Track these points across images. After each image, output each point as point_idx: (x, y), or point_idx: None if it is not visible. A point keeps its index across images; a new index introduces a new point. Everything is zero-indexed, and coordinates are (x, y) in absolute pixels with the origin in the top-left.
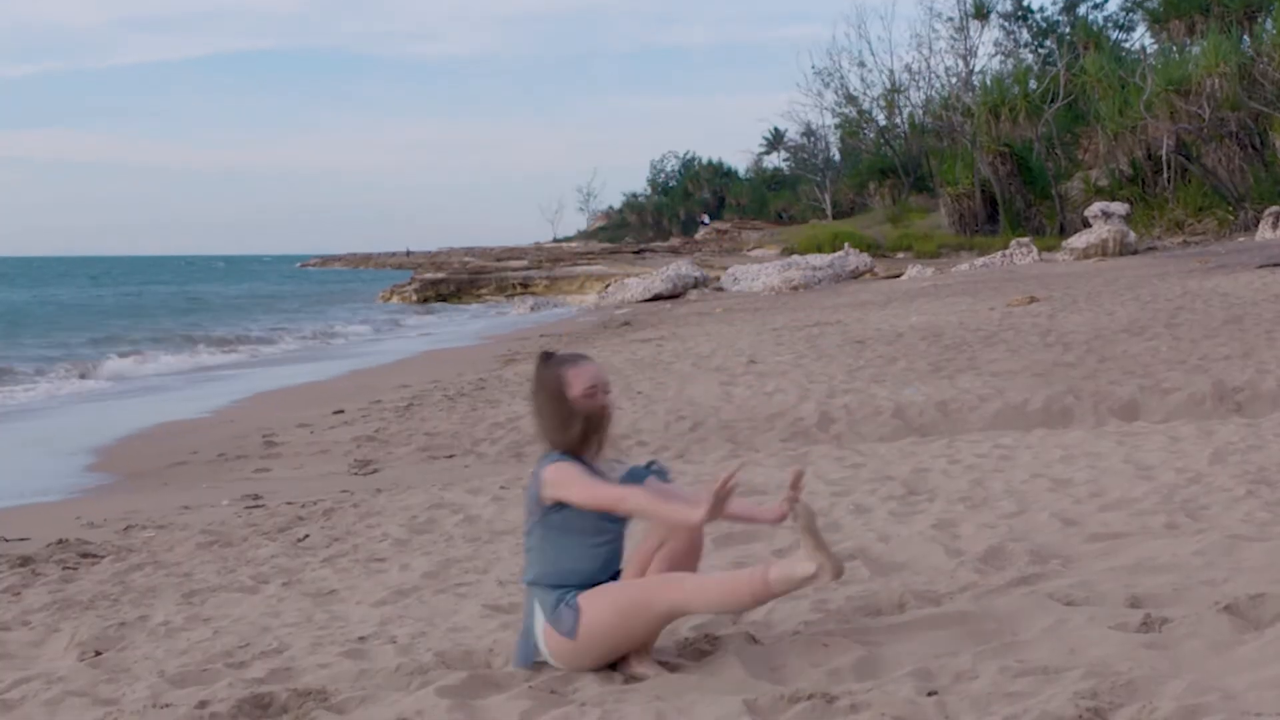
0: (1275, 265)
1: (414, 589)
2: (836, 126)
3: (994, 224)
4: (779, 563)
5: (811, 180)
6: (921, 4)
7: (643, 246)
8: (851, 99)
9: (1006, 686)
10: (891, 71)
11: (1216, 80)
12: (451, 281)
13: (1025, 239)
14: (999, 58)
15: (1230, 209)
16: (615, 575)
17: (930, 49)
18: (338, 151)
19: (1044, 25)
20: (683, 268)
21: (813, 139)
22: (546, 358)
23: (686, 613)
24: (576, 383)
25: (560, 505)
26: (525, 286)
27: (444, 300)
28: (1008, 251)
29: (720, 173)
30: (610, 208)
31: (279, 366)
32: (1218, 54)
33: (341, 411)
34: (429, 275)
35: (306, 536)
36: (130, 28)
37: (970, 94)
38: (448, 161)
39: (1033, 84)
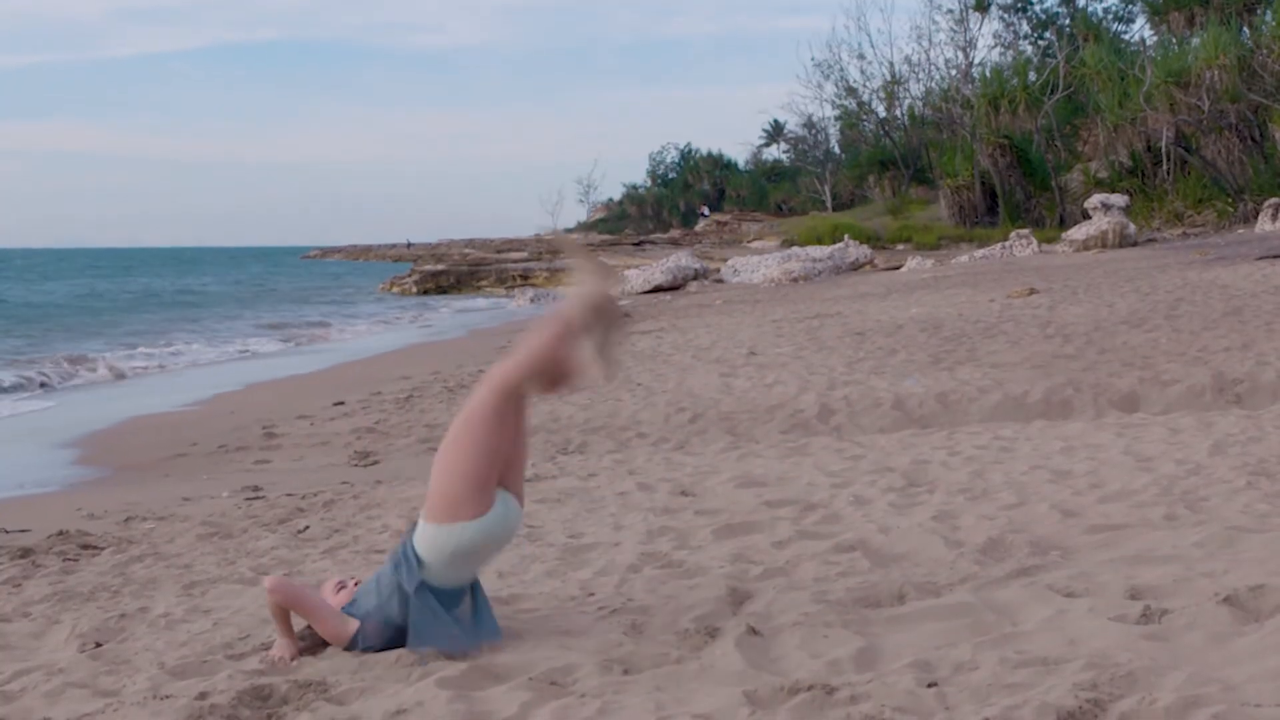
0: (1275, 257)
1: None
2: (836, 118)
3: (994, 216)
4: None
5: (811, 172)
6: None
7: (642, 238)
8: (851, 91)
9: (1006, 677)
10: (891, 63)
11: (1216, 72)
12: (451, 273)
13: (1025, 231)
14: (998, 50)
15: (1230, 201)
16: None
17: (930, 41)
18: (338, 143)
19: (1043, 17)
20: (682, 259)
21: (812, 131)
22: None
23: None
24: None
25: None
26: (525, 278)
27: (444, 292)
28: (1007, 243)
29: (720, 164)
30: (610, 199)
31: (279, 358)
32: (1217, 46)
33: (342, 403)
34: (429, 267)
35: (307, 528)
36: (128, 19)
37: (970, 86)
38: (448, 153)
39: (1032, 76)
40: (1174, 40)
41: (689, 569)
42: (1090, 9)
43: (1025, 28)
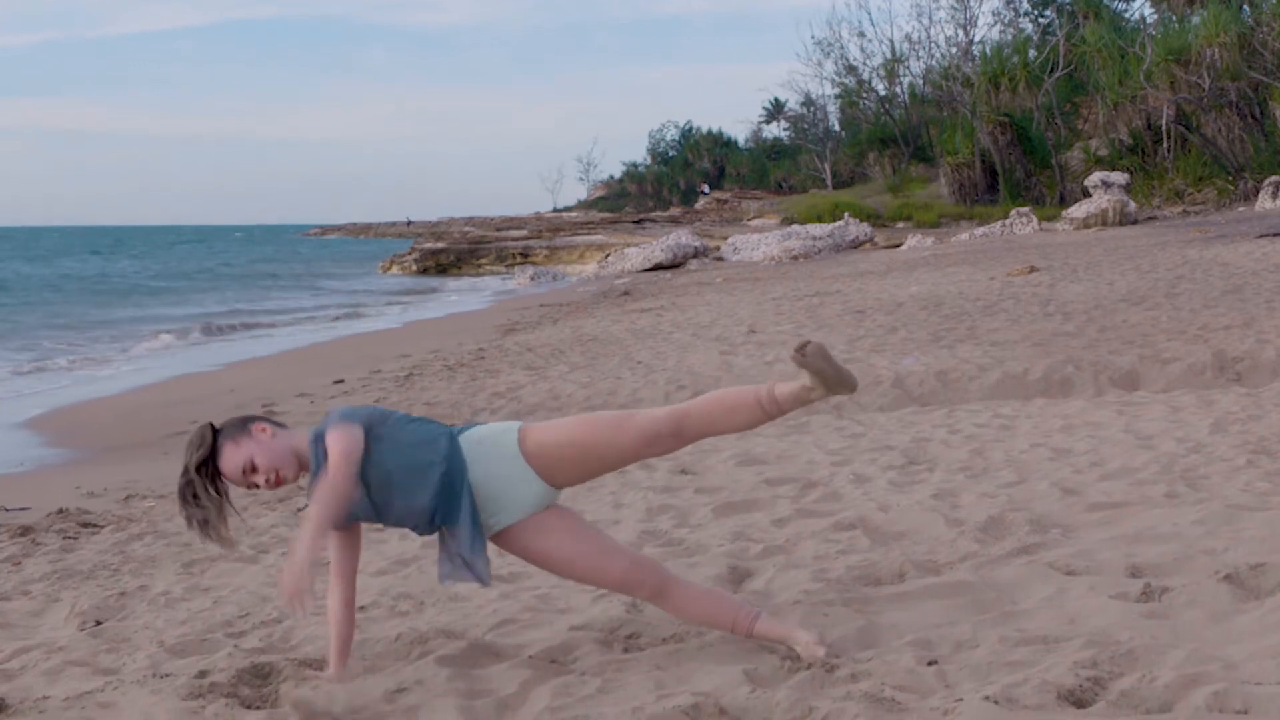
0: (1275, 235)
1: (414, 559)
2: (836, 96)
3: (994, 194)
4: (785, 384)
5: (811, 150)
6: None
7: (643, 216)
8: (851, 69)
9: (1006, 656)
10: (891, 41)
11: (1216, 50)
12: (451, 251)
13: (1025, 209)
14: (999, 27)
15: (1230, 179)
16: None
17: (930, 19)
18: (339, 121)
19: None
20: (682, 237)
21: (812, 109)
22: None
23: (689, 436)
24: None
25: None
26: (525, 256)
27: (444, 270)
28: (1007, 221)
29: (720, 142)
30: (610, 177)
31: (278, 338)
32: (1217, 23)
33: (342, 381)
34: (429, 245)
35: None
36: None
37: (970, 64)
38: (448, 131)
39: (1032, 54)
40: (1174, 18)
41: (689, 547)
42: None
43: (1025, 5)
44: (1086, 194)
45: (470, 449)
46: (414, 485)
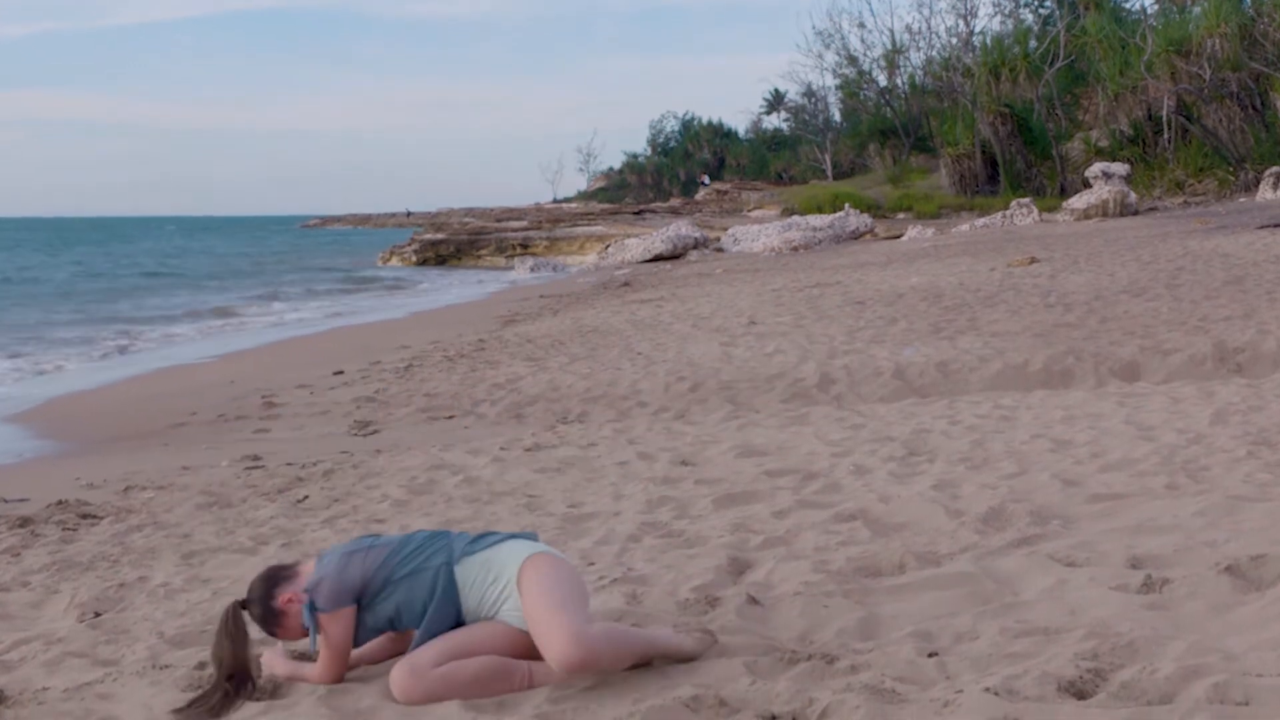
0: (1276, 226)
1: None
2: (837, 87)
3: (994, 185)
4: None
5: (812, 141)
6: None
7: (643, 207)
8: (852, 60)
9: (1007, 647)
10: (892, 32)
11: (1217, 40)
12: (451, 242)
13: (1026, 199)
14: (999, 18)
15: (1231, 170)
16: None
17: (931, 9)
18: (338, 112)
19: None
20: (683, 228)
21: (813, 100)
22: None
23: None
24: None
25: None
26: (525, 247)
27: (444, 261)
28: (1008, 212)
29: (720, 133)
30: (610, 168)
31: (278, 329)
32: (1218, 14)
33: (341, 372)
34: (428, 236)
35: (306, 498)
36: None
37: (971, 54)
38: (448, 122)
39: (1033, 44)
40: (1175, 9)
41: (689, 538)
42: None
43: None
44: (1087, 185)
45: (466, 576)
46: (405, 621)
